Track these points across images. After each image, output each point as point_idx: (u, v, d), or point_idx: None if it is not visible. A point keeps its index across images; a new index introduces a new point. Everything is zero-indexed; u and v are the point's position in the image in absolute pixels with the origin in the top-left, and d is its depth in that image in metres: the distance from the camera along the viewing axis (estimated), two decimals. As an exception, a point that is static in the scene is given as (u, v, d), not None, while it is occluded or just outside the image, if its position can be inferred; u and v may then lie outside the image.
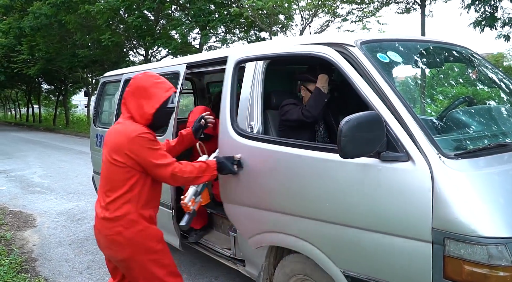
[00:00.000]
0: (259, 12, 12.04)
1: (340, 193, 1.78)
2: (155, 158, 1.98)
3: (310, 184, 1.92)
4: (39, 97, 35.08)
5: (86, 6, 14.96)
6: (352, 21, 13.30)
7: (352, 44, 1.90)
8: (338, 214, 1.80)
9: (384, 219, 1.61)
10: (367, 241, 1.69)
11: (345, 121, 1.51)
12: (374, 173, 1.64)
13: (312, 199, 1.91)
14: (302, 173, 1.95)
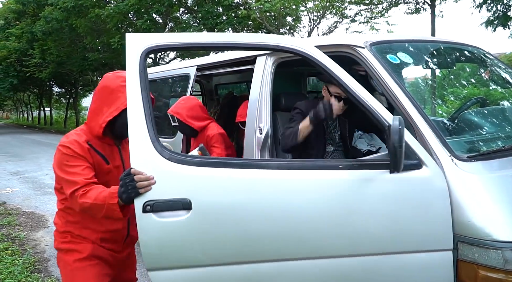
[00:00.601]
0: (266, 14, 12.05)
1: (348, 216, 1.50)
2: (64, 173, 1.64)
3: (306, 213, 1.50)
4: (50, 100, 35.60)
5: (96, 10, 15.14)
6: (360, 22, 13.24)
7: (362, 46, 1.89)
8: (349, 243, 1.50)
9: (404, 236, 1.47)
10: (386, 267, 1.52)
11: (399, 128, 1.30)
12: (387, 187, 1.48)
13: (311, 232, 1.50)
14: (292, 202, 1.50)
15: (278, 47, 1.63)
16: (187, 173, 1.47)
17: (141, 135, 1.48)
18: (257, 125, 2.57)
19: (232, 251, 1.50)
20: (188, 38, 1.65)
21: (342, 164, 1.50)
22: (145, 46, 1.56)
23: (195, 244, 1.49)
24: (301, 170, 1.51)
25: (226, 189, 1.48)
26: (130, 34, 1.59)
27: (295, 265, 1.52)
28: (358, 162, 1.52)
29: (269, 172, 1.51)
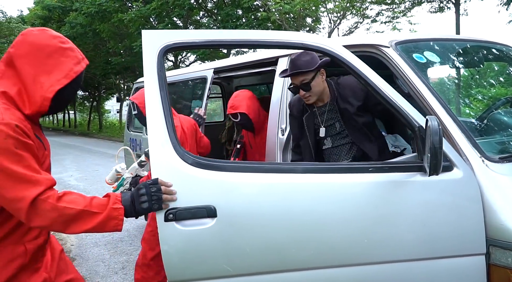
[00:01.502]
0: (286, 15, 12.04)
1: (377, 221, 1.46)
2: (14, 164, 1.16)
3: (334, 218, 1.45)
4: (74, 103, 36.49)
5: (119, 15, 15.48)
6: (382, 22, 13.07)
7: (386, 45, 1.86)
8: (379, 249, 1.46)
9: (436, 240, 1.44)
10: (418, 274, 1.47)
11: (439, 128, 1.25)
12: (418, 190, 1.44)
13: (339, 239, 1.45)
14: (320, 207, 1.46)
15: (304, 46, 1.58)
16: (211, 178, 1.40)
17: (160, 139, 1.38)
18: (279, 127, 2.57)
19: (259, 261, 1.43)
20: (208, 36, 1.57)
21: (371, 167, 1.47)
22: (163, 44, 1.46)
23: (220, 253, 1.40)
24: (329, 174, 1.47)
25: (252, 195, 1.42)
26: (147, 31, 1.48)
27: (325, 273, 1.46)
28: (388, 164, 1.48)
29: (297, 176, 1.45)
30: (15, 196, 1.15)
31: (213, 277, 1.44)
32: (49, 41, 1.31)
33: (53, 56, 1.30)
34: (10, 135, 1.15)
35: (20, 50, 1.29)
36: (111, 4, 16.19)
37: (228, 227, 1.39)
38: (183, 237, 1.37)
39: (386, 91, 1.50)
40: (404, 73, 1.72)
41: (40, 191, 1.18)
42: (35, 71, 1.27)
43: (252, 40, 1.58)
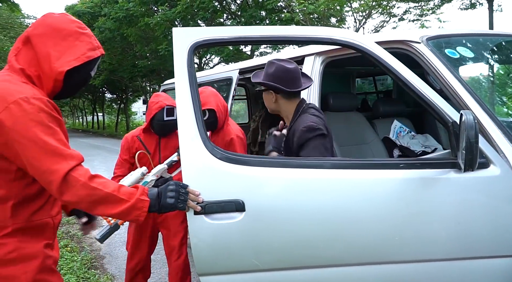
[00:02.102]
0: (310, 16, 11.96)
1: (409, 218, 1.43)
2: (49, 137, 1.18)
3: (363, 215, 1.43)
4: (103, 106, 37.65)
5: (145, 19, 15.81)
6: (409, 20, 12.78)
7: (418, 41, 1.81)
8: (410, 247, 1.42)
9: (471, 240, 1.39)
10: (451, 274, 1.44)
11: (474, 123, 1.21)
12: (452, 187, 1.39)
13: (369, 235, 1.42)
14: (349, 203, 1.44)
15: (333, 41, 1.55)
16: (240, 172, 1.41)
17: (190, 134, 1.41)
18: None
19: (287, 256, 1.43)
20: (236, 32, 1.56)
21: (403, 163, 1.44)
22: (193, 41, 1.48)
23: (248, 247, 1.42)
24: (358, 170, 1.45)
25: (280, 190, 1.42)
26: (178, 28, 1.51)
27: (354, 270, 1.45)
28: (420, 161, 1.45)
29: (325, 172, 1.44)
30: (48, 168, 1.17)
31: (241, 271, 1.45)
32: (67, 25, 1.33)
33: (68, 39, 1.31)
34: (43, 109, 1.19)
35: (38, 29, 1.31)
36: (138, 8, 16.57)
37: (256, 222, 1.40)
38: (212, 230, 1.39)
39: (418, 86, 1.46)
40: (436, 69, 1.67)
41: (72, 165, 1.19)
42: (49, 51, 1.28)
43: (280, 36, 1.57)
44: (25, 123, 1.15)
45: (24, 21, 14.09)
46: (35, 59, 1.29)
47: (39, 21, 1.33)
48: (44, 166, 1.17)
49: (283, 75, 1.83)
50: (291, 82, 1.84)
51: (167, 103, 2.57)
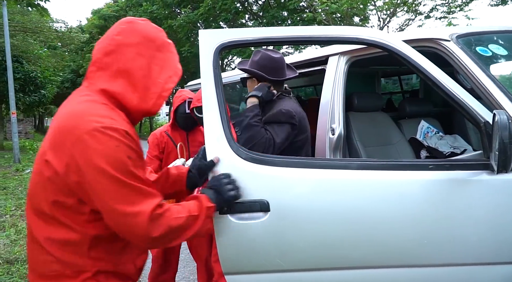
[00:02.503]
0: (332, 15, 11.86)
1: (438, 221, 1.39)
2: (131, 179, 1.03)
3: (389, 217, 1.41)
4: (127, 107, 38.40)
5: (168, 21, 16.09)
6: (436, 18, 12.44)
7: (447, 39, 1.76)
8: (439, 251, 1.39)
9: (506, 244, 1.35)
10: (484, 279, 1.40)
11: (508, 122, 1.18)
12: (485, 189, 1.35)
13: (395, 238, 1.41)
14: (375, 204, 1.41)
15: (359, 40, 1.53)
16: (265, 173, 1.41)
17: (216, 134, 1.42)
18: (329, 127, 2.52)
19: (311, 257, 1.42)
20: (262, 33, 1.56)
21: (432, 164, 1.40)
22: (219, 43, 1.48)
23: (273, 247, 1.41)
24: (384, 171, 1.42)
25: (305, 190, 1.42)
26: (204, 30, 1.51)
27: (380, 273, 1.43)
28: (449, 162, 1.41)
29: (351, 173, 1.42)
30: (130, 211, 1.02)
31: (266, 271, 1.45)
32: (157, 33, 1.19)
33: (162, 50, 1.18)
34: (122, 142, 1.02)
35: (130, 38, 1.12)
36: (161, 11, 16.86)
37: (280, 222, 1.39)
38: (237, 229, 1.39)
39: (448, 85, 1.43)
40: (467, 67, 1.62)
41: (156, 204, 1.06)
42: (148, 64, 1.12)
43: (305, 36, 1.57)
44: (99, 159, 0.98)
45: (52, 25, 14.52)
46: (126, 74, 1.10)
47: (127, 28, 1.14)
48: (125, 208, 1.01)
49: (267, 63, 1.85)
50: (274, 71, 1.87)
51: (189, 97, 2.64)
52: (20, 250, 3.45)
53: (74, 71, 29.04)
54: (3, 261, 3.20)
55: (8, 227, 4.14)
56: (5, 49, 10.30)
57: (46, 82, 14.94)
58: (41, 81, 14.30)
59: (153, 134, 2.73)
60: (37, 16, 11.17)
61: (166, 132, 2.70)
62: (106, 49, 1.11)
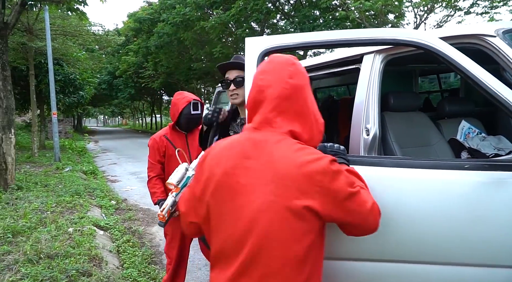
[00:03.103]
0: (366, 13, 11.60)
1: (473, 223, 1.37)
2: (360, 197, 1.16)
3: (424, 215, 1.44)
4: (160, 107, 39.39)
5: (201, 23, 16.31)
6: (477, 13, 11.90)
7: (492, 34, 1.67)
8: (473, 252, 1.38)
9: None
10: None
11: None
12: None
13: (430, 236, 1.43)
14: (409, 202, 1.46)
15: (396, 41, 1.52)
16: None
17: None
18: (364, 127, 2.45)
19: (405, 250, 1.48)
20: (302, 38, 1.64)
21: (468, 164, 1.34)
22: (263, 48, 1.62)
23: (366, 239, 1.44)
24: (421, 169, 1.44)
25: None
26: (250, 37, 1.65)
27: (418, 268, 1.46)
28: (488, 162, 1.34)
29: (384, 170, 1.47)
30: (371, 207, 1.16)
31: (349, 259, 1.54)
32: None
33: None
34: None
35: (301, 80, 1.22)
36: (194, 13, 17.12)
37: None
38: None
39: (491, 84, 1.35)
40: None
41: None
42: (311, 101, 1.24)
43: (344, 39, 1.61)
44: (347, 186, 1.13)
45: (90, 28, 15.08)
46: (302, 114, 1.20)
47: (296, 71, 1.23)
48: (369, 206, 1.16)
49: None
50: None
51: (193, 98, 2.66)
52: (60, 245, 3.59)
53: (110, 73, 30.12)
54: (44, 256, 3.34)
55: (49, 223, 4.32)
56: (47, 52, 10.80)
57: (84, 84, 15.55)
58: (80, 83, 14.89)
59: (152, 138, 2.76)
60: (76, 20, 11.62)
61: (165, 136, 2.74)
62: (284, 94, 1.18)
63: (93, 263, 3.39)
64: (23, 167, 8.97)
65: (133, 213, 5.73)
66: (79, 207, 5.36)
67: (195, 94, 2.96)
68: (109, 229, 4.78)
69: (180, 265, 2.82)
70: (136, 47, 24.72)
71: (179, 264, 2.81)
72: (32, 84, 11.96)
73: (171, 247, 2.78)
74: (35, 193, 6.05)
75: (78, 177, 8.02)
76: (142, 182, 8.60)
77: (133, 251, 4.05)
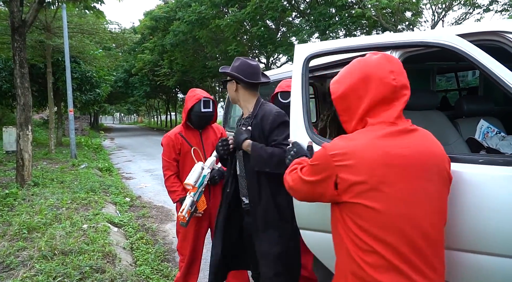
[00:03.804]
0: (382, 11, 11.42)
1: None
2: None
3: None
4: (175, 105, 39.69)
5: (216, 21, 16.36)
6: (496, 11, 11.60)
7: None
8: None
9: None
10: None
11: None
12: None
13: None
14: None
15: (424, 43, 1.57)
16: None
17: (299, 124, 1.91)
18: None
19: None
20: (342, 43, 1.85)
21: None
22: (308, 53, 1.90)
23: None
24: None
25: None
26: (299, 45, 1.97)
27: None
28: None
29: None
30: None
31: None
32: None
33: None
34: None
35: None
36: (209, 11, 17.17)
37: None
38: None
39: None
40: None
41: None
42: None
43: (375, 43, 1.76)
44: None
45: (107, 27, 15.26)
46: None
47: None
48: None
49: (245, 68, 2.18)
50: (251, 76, 2.18)
51: (204, 96, 2.67)
52: (74, 241, 3.63)
53: (126, 71, 30.49)
54: (58, 252, 3.38)
55: (64, 220, 4.38)
56: (64, 50, 10.97)
57: (100, 82, 15.75)
58: (96, 80, 15.09)
59: (167, 137, 2.75)
60: (93, 18, 11.77)
61: (180, 134, 2.73)
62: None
63: (107, 260, 3.42)
64: (40, 164, 9.14)
65: (147, 210, 5.77)
66: (94, 203, 5.42)
67: (209, 93, 2.96)
68: (123, 226, 4.82)
69: (193, 263, 2.83)
70: (152, 45, 24.95)
71: (192, 262, 2.81)
72: (49, 81, 12.18)
73: (184, 245, 2.79)
74: (51, 189, 6.16)
75: (93, 174, 8.13)
76: (156, 180, 8.66)
77: (146, 248, 4.07)
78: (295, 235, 2.10)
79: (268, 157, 2.01)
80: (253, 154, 2.07)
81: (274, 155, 2.01)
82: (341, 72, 1.45)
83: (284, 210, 2.09)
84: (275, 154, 2.01)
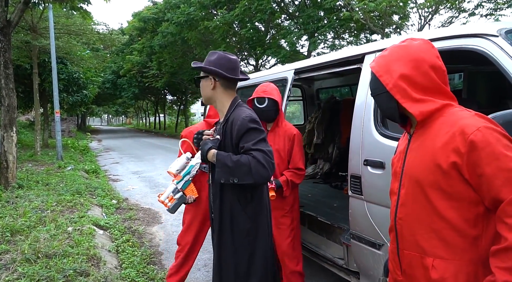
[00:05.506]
0: (370, 14, 11.54)
1: None
2: None
3: None
4: (164, 107, 39.49)
5: (205, 23, 16.30)
6: (481, 15, 11.81)
7: (495, 34, 1.64)
8: None
9: None
10: None
11: None
12: None
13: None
14: None
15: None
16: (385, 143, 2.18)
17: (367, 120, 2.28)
18: (363, 128, 2.42)
19: None
20: None
21: None
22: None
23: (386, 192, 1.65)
24: None
25: None
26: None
27: None
28: None
29: None
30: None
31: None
32: None
33: None
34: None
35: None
36: (198, 13, 17.12)
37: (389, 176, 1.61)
38: (371, 174, 2.29)
39: None
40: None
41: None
42: None
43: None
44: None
45: (94, 27, 15.10)
46: None
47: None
48: None
49: (225, 62, 1.91)
50: (231, 71, 1.92)
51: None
52: (58, 244, 3.57)
53: (114, 72, 30.20)
54: (42, 255, 3.32)
55: (48, 222, 4.30)
56: (50, 51, 10.82)
57: (88, 83, 15.56)
58: (83, 81, 14.91)
59: (188, 131, 2.75)
60: (80, 19, 11.64)
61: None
62: None
63: (91, 263, 3.37)
64: (25, 165, 8.98)
65: (133, 213, 5.71)
66: (79, 206, 5.34)
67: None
68: (109, 228, 4.75)
69: (190, 254, 2.91)
70: (140, 46, 24.78)
71: (190, 252, 2.90)
72: (35, 82, 12.00)
73: (187, 234, 2.87)
74: (36, 191, 6.05)
75: (79, 176, 8.02)
76: (144, 181, 8.59)
77: (132, 251, 4.02)
78: (257, 247, 1.93)
79: (234, 165, 1.75)
80: (218, 164, 1.82)
81: (241, 163, 1.74)
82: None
83: (243, 222, 1.90)
84: (241, 162, 1.74)
